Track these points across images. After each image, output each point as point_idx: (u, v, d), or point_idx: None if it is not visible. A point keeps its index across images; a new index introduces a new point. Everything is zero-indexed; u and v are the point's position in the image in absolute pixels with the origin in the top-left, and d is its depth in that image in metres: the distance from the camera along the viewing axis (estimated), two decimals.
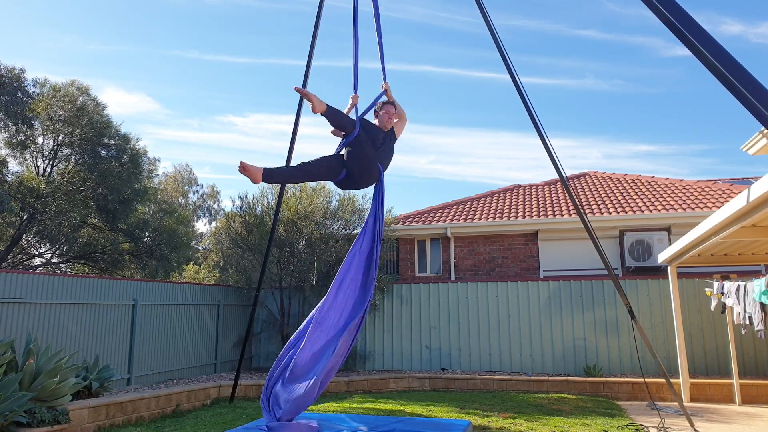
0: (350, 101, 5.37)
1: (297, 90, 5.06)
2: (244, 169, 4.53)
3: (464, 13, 48.75)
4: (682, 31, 3.54)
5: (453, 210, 15.27)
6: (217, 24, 43.81)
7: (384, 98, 5.52)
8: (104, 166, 13.28)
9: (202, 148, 49.18)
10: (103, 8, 40.29)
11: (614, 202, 14.03)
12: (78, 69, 44.10)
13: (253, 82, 49.90)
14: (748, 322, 7.86)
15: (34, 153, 13.59)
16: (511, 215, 14.07)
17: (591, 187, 15.76)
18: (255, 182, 4.63)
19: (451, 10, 42.30)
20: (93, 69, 42.71)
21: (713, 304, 9.13)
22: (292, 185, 12.64)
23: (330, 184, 12.84)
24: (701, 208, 12.62)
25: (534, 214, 13.93)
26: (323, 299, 4.83)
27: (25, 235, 13.56)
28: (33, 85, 13.21)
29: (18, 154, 13.53)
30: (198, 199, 29.99)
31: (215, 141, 48.24)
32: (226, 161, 49.96)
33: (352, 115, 5.19)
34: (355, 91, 5.60)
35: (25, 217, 12.71)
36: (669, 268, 9.67)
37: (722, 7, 39.31)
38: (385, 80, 5.84)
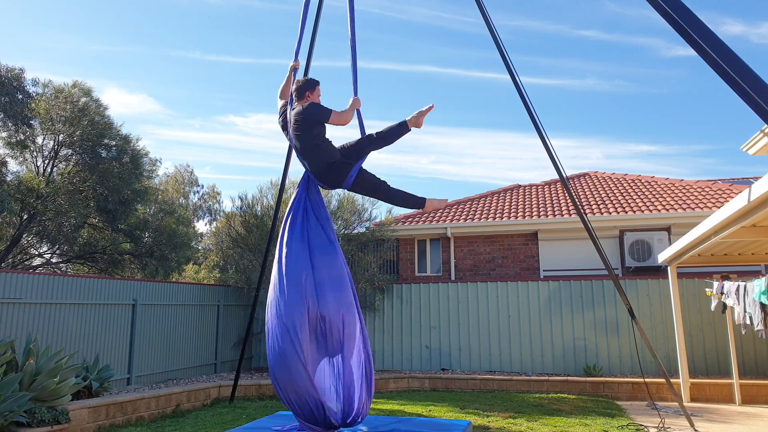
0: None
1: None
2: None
3: (467, 14, 48.79)
4: (685, 29, 3.53)
5: (453, 210, 15.27)
6: (218, 24, 43.85)
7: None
8: (104, 166, 13.27)
9: (204, 148, 49.19)
10: (105, 9, 40.33)
11: (614, 202, 14.03)
12: (80, 69, 44.11)
13: (254, 83, 49.94)
14: (748, 322, 7.86)
15: (34, 153, 13.58)
16: (511, 215, 14.07)
17: (591, 187, 15.76)
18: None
19: (454, 11, 42.33)
20: (95, 69, 42.75)
21: (713, 304, 9.13)
22: (291, 187, 12.65)
23: None
24: (701, 208, 12.62)
25: (534, 214, 13.93)
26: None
27: (25, 235, 13.56)
28: (33, 85, 13.20)
29: (17, 154, 13.52)
30: (198, 199, 29.98)
31: (216, 141, 48.25)
32: (227, 161, 49.88)
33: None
34: (356, 93, 5.56)
35: (25, 217, 12.71)
36: (669, 268, 9.67)
37: (723, 8, 39.35)
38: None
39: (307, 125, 4.78)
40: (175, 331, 10.46)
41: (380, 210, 28.33)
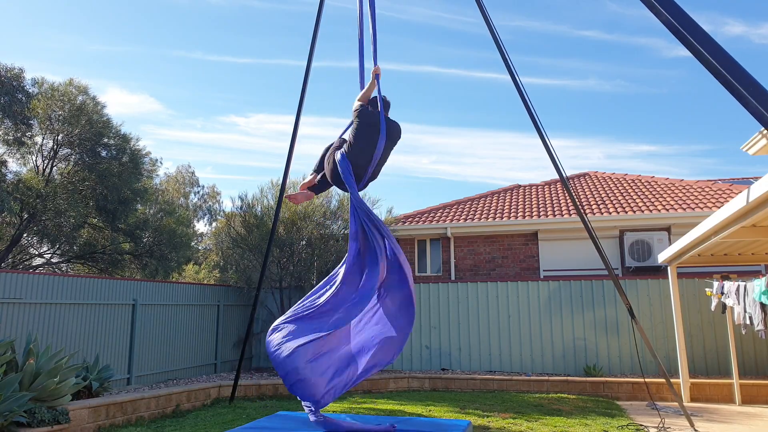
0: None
1: None
2: (295, 200, 5.36)
3: (467, 14, 48.82)
4: (682, 32, 3.54)
5: (453, 210, 15.27)
6: (219, 24, 43.85)
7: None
8: (104, 165, 13.26)
9: (205, 148, 49.20)
10: (105, 9, 40.34)
11: (614, 202, 14.03)
12: (80, 69, 44.16)
13: (255, 83, 49.93)
14: (748, 322, 7.86)
15: (34, 153, 13.57)
16: (511, 215, 14.07)
17: (591, 187, 15.76)
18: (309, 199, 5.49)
19: (454, 11, 42.36)
20: (96, 69, 42.75)
21: (713, 304, 9.13)
22: (291, 187, 12.65)
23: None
24: (701, 208, 12.62)
25: (534, 214, 13.93)
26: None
27: (25, 235, 13.56)
28: (32, 85, 13.19)
29: (17, 154, 13.51)
30: (199, 199, 30.00)
31: (217, 141, 48.27)
32: (228, 161, 49.90)
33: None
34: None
35: (25, 216, 12.70)
36: (669, 268, 9.66)
37: (724, 8, 39.36)
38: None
39: None
40: (175, 331, 10.46)
41: (380, 210, 28.27)
